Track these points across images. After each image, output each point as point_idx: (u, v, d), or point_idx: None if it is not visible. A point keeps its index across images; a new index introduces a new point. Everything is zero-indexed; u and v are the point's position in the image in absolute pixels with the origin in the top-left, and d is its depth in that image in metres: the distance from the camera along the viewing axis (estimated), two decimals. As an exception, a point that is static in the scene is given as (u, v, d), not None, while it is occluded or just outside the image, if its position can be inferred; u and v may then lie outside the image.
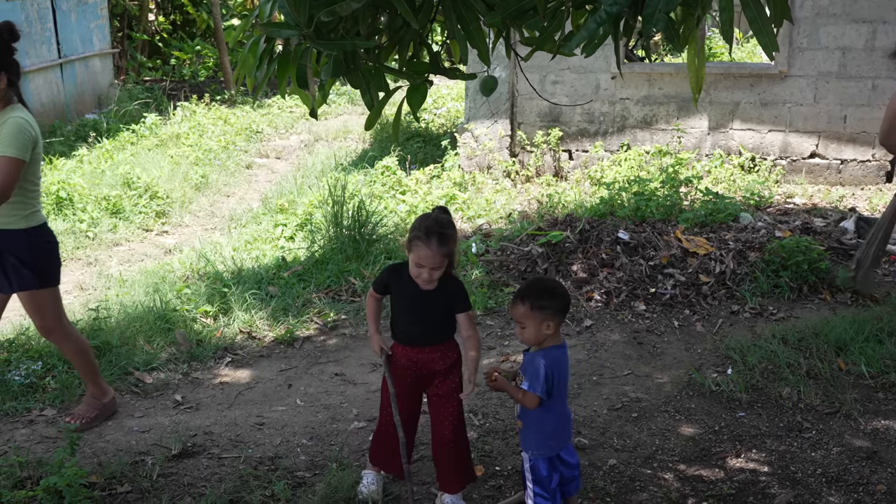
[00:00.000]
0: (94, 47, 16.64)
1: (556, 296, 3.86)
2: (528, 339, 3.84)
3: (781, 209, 9.74)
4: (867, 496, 4.44)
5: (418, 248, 3.95)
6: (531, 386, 3.79)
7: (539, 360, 3.81)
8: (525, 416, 3.93)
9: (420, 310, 4.15)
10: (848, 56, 10.79)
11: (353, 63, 3.46)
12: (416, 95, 3.57)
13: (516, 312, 3.83)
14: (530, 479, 3.96)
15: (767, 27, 3.04)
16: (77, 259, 9.00)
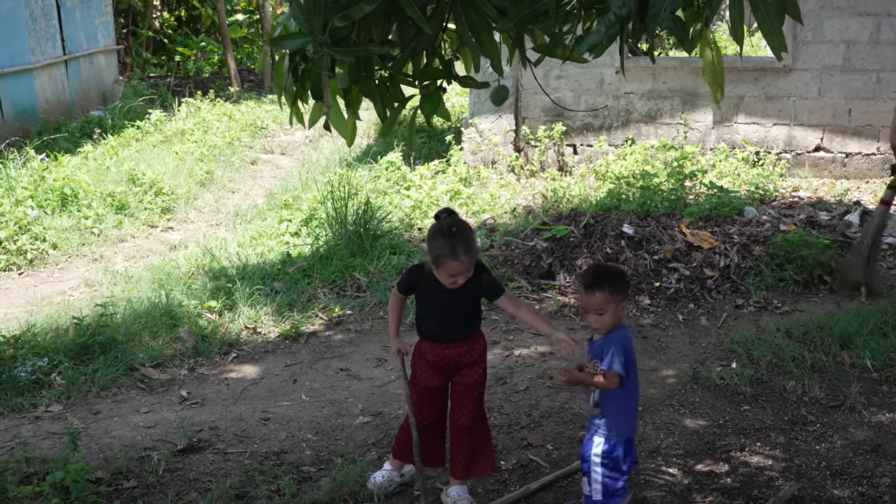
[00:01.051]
0: (98, 44, 16.68)
1: (626, 279, 4.06)
2: (605, 325, 3.88)
3: (786, 203, 9.73)
4: (871, 489, 4.44)
5: (447, 264, 3.97)
6: (611, 363, 3.84)
7: (616, 341, 3.87)
8: (606, 401, 3.96)
9: (448, 308, 4.18)
10: (853, 49, 10.78)
11: (367, 71, 3.47)
12: (429, 104, 3.58)
13: (594, 301, 3.84)
14: (600, 465, 3.96)
15: (777, 28, 3.04)
16: (83, 255, 9.03)
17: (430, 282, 4.12)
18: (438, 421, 4.43)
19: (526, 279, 7.62)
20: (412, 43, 3.51)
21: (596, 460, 3.97)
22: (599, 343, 3.92)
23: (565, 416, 5.34)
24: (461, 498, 4.34)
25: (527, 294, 7.40)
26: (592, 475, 3.98)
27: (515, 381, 5.86)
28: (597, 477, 3.97)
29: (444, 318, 4.20)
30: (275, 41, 3.34)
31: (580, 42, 3.11)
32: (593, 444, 3.98)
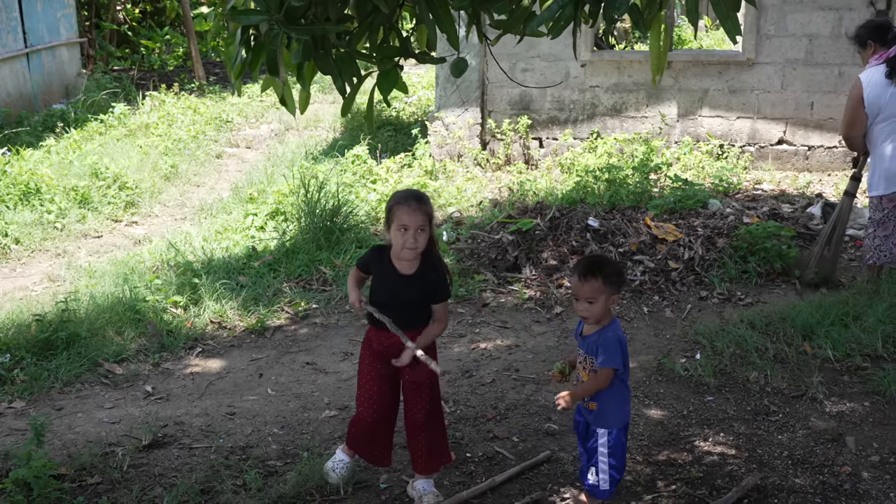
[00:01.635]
0: (61, 37, 16.50)
1: (621, 272, 4.03)
2: (594, 315, 3.92)
3: (749, 195, 9.81)
4: (832, 477, 4.50)
5: (399, 211, 4.01)
6: (606, 361, 3.91)
7: (612, 335, 3.94)
8: (602, 393, 4.01)
9: (396, 294, 4.15)
10: (815, 43, 10.88)
11: (324, 48, 3.46)
12: (386, 81, 3.57)
13: (587, 288, 3.88)
14: (606, 454, 4.04)
15: (731, 13, 3.08)
16: (45, 250, 8.95)
17: (388, 266, 4.14)
18: (387, 415, 4.37)
19: (492, 272, 7.64)
20: (369, 18, 3.51)
21: (603, 450, 4.05)
22: (593, 339, 3.96)
23: (531, 409, 5.36)
24: (427, 492, 4.34)
25: (493, 287, 7.42)
26: (600, 465, 4.07)
27: (481, 374, 5.88)
28: (604, 467, 4.06)
29: (395, 306, 4.13)
30: (232, 14, 3.32)
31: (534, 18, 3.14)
32: (598, 435, 4.05)
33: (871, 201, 6.88)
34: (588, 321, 3.98)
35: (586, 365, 4.01)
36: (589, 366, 3.99)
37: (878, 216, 6.78)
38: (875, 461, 4.65)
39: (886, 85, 6.53)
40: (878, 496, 4.33)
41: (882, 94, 6.56)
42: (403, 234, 4.01)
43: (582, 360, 4.04)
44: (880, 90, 6.56)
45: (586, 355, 4.01)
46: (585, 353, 4.01)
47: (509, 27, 3.48)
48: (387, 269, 4.15)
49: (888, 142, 6.62)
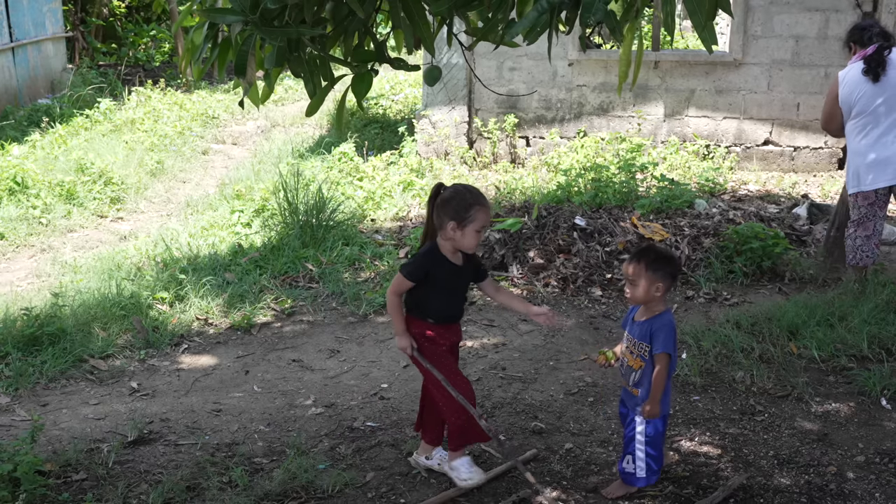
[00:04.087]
0: (46, 31, 16.43)
1: (670, 261, 4.17)
2: (636, 297, 4.11)
3: (736, 196, 9.84)
4: (818, 477, 4.51)
5: (481, 213, 4.13)
6: (664, 346, 4.06)
7: (666, 322, 4.10)
8: (647, 381, 4.15)
9: (461, 286, 4.36)
10: (801, 44, 10.92)
11: (298, 51, 3.45)
12: (360, 84, 3.56)
13: (630, 270, 4.10)
14: (643, 443, 4.17)
15: (707, 22, 3.08)
16: (31, 246, 8.91)
17: (442, 262, 4.23)
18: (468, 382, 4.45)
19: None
20: (344, 22, 3.50)
21: (640, 438, 4.18)
22: (646, 325, 4.12)
23: (517, 407, 5.36)
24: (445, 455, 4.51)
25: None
26: (637, 454, 4.19)
27: (468, 373, 5.87)
28: (641, 455, 4.19)
29: (458, 298, 4.34)
30: (207, 12, 3.30)
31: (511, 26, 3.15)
32: (636, 423, 4.18)
33: (849, 200, 6.95)
34: (630, 301, 4.19)
35: (634, 350, 4.17)
36: (637, 351, 4.16)
37: (856, 215, 6.83)
38: (860, 461, 4.67)
39: (861, 82, 6.62)
40: (864, 496, 4.35)
41: (854, 90, 6.66)
42: (478, 234, 4.15)
43: (630, 344, 4.20)
44: (853, 87, 6.67)
45: (636, 340, 4.17)
46: (635, 337, 4.17)
47: (484, 35, 3.48)
48: (447, 266, 4.24)
49: (859, 137, 6.73)
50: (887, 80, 6.53)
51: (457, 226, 4.12)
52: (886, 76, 6.53)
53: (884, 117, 6.58)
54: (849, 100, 6.70)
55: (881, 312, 6.38)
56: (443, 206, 4.16)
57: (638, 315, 4.22)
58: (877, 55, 6.54)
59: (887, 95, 6.54)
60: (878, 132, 6.62)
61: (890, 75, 6.52)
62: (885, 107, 6.57)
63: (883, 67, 6.52)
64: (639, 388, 4.19)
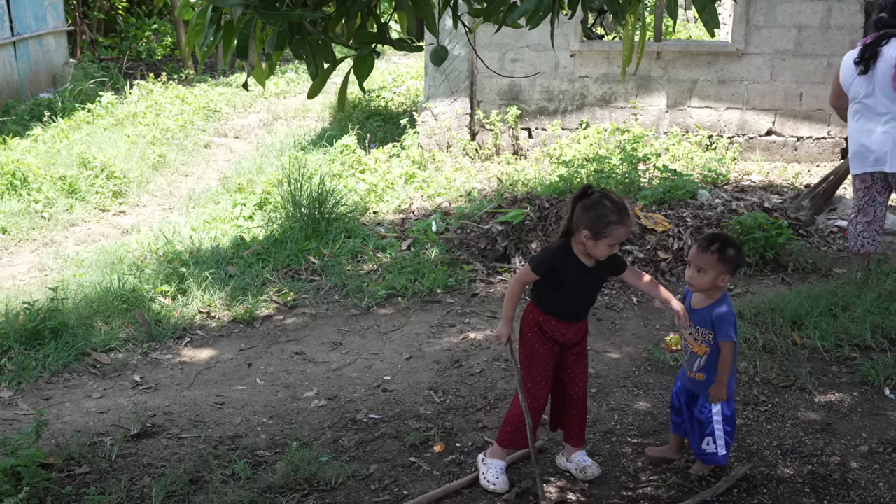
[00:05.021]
0: (48, 25, 16.41)
1: (739, 252, 4.22)
2: (701, 286, 4.17)
3: (738, 186, 9.82)
4: (821, 467, 4.50)
5: (619, 230, 4.10)
6: (727, 334, 4.14)
7: (726, 309, 4.17)
8: (711, 367, 4.25)
9: (591, 287, 4.34)
10: (804, 34, 10.89)
11: (299, 34, 3.43)
12: (363, 66, 3.53)
13: (701, 259, 4.13)
14: (721, 423, 4.29)
15: (710, 5, 3.07)
16: (33, 240, 8.91)
17: (572, 261, 4.22)
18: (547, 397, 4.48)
19: (481, 262, 7.64)
20: (347, 4, 3.48)
21: (718, 419, 4.28)
22: (706, 313, 4.20)
23: (520, 399, 5.35)
24: (590, 463, 4.48)
25: (482, 277, 7.42)
26: (717, 434, 4.29)
27: (471, 364, 5.87)
28: (720, 434, 4.29)
29: (585, 298, 4.35)
30: None
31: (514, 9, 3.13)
32: (711, 406, 4.28)
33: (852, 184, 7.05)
34: (692, 288, 4.24)
35: (697, 336, 4.26)
36: (701, 337, 4.24)
37: (856, 201, 6.92)
38: (864, 451, 4.66)
39: (854, 70, 6.71)
40: (867, 485, 4.34)
41: (849, 77, 6.76)
42: (611, 248, 4.15)
43: (693, 331, 4.27)
44: (848, 73, 6.77)
45: (698, 327, 4.24)
46: (697, 324, 4.24)
47: (488, 16, 3.47)
48: (576, 265, 4.23)
49: (852, 122, 6.83)
50: (875, 73, 6.55)
51: (591, 236, 4.10)
52: (875, 68, 6.54)
53: (869, 108, 6.65)
54: (846, 84, 6.80)
55: (884, 302, 6.37)
56: (584, 211, 4.12)
57: (696, 302, 4.29)
58: (871, 46, 6.56)
59: (873, 87, 6.59)
60: (863, 120, 6.72)
61: (878, 68, 6.53)
62: (871, 99, 6.62)
63: (874, 59, 6.53)
64: (703, 373, 4.28)
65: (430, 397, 5.40)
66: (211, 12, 3.47)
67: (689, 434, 4.44)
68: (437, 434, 4.89)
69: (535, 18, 3.18)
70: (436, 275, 7.28)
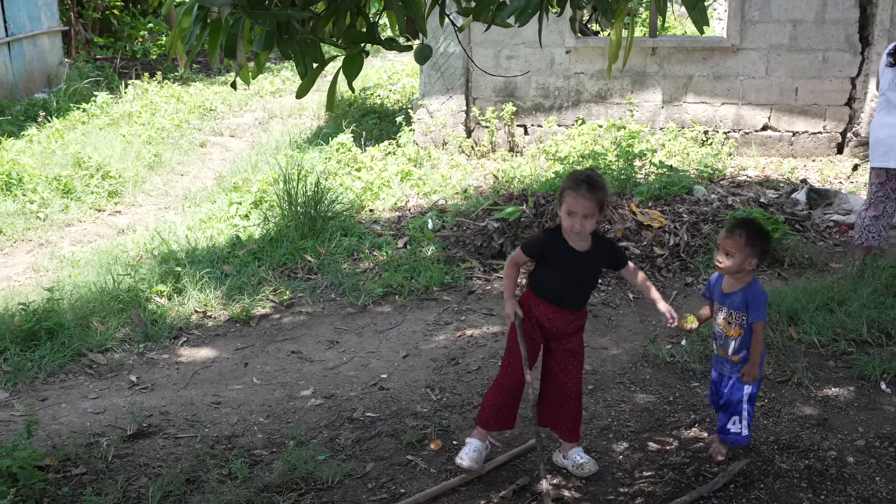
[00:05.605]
0: (42, 25, 16.38)
1: (767, 237, 4.37)
2: (729, 268, 4.29)
3: (734, 181, 9.82)
4: (818, 462, 4.51)
5: (569, 196, 4.14)
6: (759, 315, 4.29)
7: (757, 291, 4.33)
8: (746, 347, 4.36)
9: (581, 271, 4.33)
10: (799, 29, 10.89)
11: (288, 33, 3.42)
12: (352, 65, 3.52)
13: (729, 242, 4.26)
14: (747, 403, 4.42)
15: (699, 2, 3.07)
16: (28, 240, 8.89)
17: (560, 244, 4.25)
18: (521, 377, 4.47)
19: (478, 259, 7.63)
20: (336, 3, 3.48)
21: (745, 400, 4.40)
22: (738, 296, 4.32)
23: (517, 396, 5.35)
24: (586, 459, 4.49)
25: (479, 275, 7.41)
26: (742, 414, 4.42)
27: (468, 362, 5.87)
28: (745, 416, 4.42)
29: (576, 284, 4.35)
30: None
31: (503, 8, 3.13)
32: (742, 388, 4.39)
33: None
34: (720, 271, 4.36)
35: (732, 320, 4.38)
36: (736, 320, 4.36)
37: (870, 195, 7.00)
38: (860, 445, 4.67)
39: (887, 64, 6.87)
40: (864, 480, 4.35)
41: (882, 68, 6.95)
42: (570, 217, 4.16)
43: (727, 315, 4.39)
44: (882, 67, 6.95)
45: (731, 311, 4.37)
46: (731, 308, 4.37)
47: (477, 15, 3.46)
48: (564, 248, 4.26)
49: (877, 113, 7.02)
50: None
51: (558, 207, 4.25)
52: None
53: (891, 101, 6.81)
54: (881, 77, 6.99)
55: (880, 296, 6.38)
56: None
57: (726, 287, 4.40)
58: None
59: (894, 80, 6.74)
60: (884, 113, 6.87)
61: None
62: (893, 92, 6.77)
63: None
64: (739, 354, 4.38)
65: (427, 395, 5.39)
66: (197, 11, 3.46)
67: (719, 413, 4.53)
68: (434, 432, 4.89)
69: (523, 16, 3.18)
70: (432, 272, 7.27)
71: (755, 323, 4.29)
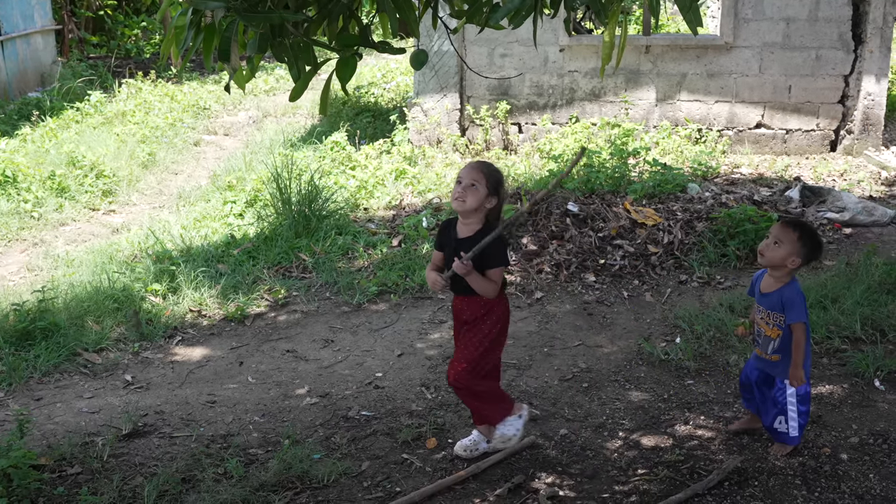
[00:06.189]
0: (35, 24, 16.36)
1: (818, 245, 4.36)
2: (771, 259, 4.31)
3: (728, 179, 9.84)
4: (812, 459, 4.52)
5: (461, 169, 4.38)
6: (797, 316, 4.29)
7: (795, 291, 4.32)
8: (787, 346, 4.37)
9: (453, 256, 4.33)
10: (792, 26, 10.91)
11: (281, 36, 3.44)
12: (345, 68, 3.54)
13: (782, 232, 4.30)
14: (795, 404, 4.42)
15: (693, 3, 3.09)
16: (22, 240, 8.88)
17: (452, 232, 4.37)
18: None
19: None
20: (328, 6, 3.49)
21: (792, 400, 4.41)
22: (776, 296, 4.34)
23: (512, 394, 5.34)
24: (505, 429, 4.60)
25: (473, 273, 7.41)
26: (790, 414, 4.42)
27: (462, 360, 5.87)
28: (794, 416, 4.42)
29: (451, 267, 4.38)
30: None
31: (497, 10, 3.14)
32: (786, 385, 4.40)
33: None
34: (762, 259, 4.35)
35: (769, 320, 4.39)
36: (773, 321, 4.37)
37: None
38: (854, 443, 4.68)
39: None
40: (858, 477, 4.36)
41: None
42: (456, 186, 4.27)
43: (763, 315, 4.40)
44: None
45: (769, 311, 4.38)
46: (768, 308, 4.38)
47: (470, 17, 3.48)
48: (449, 237, 4.39)
49: None
50: None
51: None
52: None
53: None
54: None
55: (874, 294, 6.41)
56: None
57: (765, 286, 4.41)
58: None
59: None
60: None
61: None
62: None
63: None
64: (779, 354, 4.40)
65: (422, 394, 5.40)
66: (191, 15, 3.47)
67: (762, 413, 4.55)
68: (430, 430, 4.90)
69: (517, 18, 3.20)
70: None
71: (793, 324, 4.29)
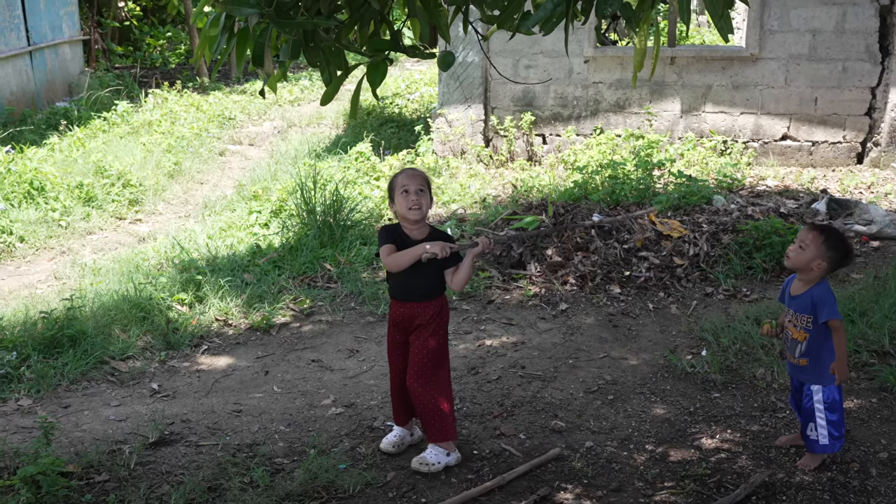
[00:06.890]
0: (63, 34, 16.51)
1: (847, 252, 4.37)
2: (797, 261, 4.34)
3: (754, 191, 9.80)
4: (840, 474, 4.49)
5: (399, 177, 4.45)
6: (830, 313, 4.29)
7: (824, 291, 4.33)
8: (815, 351, 4.39)
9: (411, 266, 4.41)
10: (818, 38, 10.86)
11: (313, 41, 3.46)
12: (376, 73, 3.57)
13: (809, 235, 4.33)
14: (822, 410, 4.39)
15: (724, 11, 3.09)
16: (50, 248, 8.95)
17: (403, 237, 4.46)
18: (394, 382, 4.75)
19: (497, 269, 7.63)
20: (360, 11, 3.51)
21: (819, 406, 4.39)
22: (805, 298, 4.35)
23: (537, 406, 5.35)
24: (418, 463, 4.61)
25: (498, 284, 7.41)
26: (818, 421, 4.40)
27: (487, 371, 5.88)
28: (822, 422, 4.39)
29: (406, 275, 4.46)
30: (226, 4, 3.32)
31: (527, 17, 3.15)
32: (812, 392, 4.41)
33: None
34: (788, 262, 4.39)
35: (797, 323, 4.41)
36: (800, 323, 4.39)
37: None
38: (883, 458, 4.65)
39: None
40: (887, 493, 4.33)
41: None
42: (406, 196, 4.37)
43: (792, 317, 4.41)
44: None
45: (797, 313, 4.40)
46: (796, 311, 4.40)
47: (501, 23, 3.49)
48: (403, 239, 4.45)
49: None
50: None
51: (391, 203, 4.50)
52: None
53: None
54: None
55: (902, 307, 6.35)
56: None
57: (794, 290, 4.43)
58: None
59: None
60: None
61: None
62: None
63: None
64: (806, 357, 4.40)
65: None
66: (224, 20, 3.50)
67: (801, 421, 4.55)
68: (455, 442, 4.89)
69: (548, 25, 3.21)
70: (451, 282, 7.27)
71: (830, 321, 4.29)
